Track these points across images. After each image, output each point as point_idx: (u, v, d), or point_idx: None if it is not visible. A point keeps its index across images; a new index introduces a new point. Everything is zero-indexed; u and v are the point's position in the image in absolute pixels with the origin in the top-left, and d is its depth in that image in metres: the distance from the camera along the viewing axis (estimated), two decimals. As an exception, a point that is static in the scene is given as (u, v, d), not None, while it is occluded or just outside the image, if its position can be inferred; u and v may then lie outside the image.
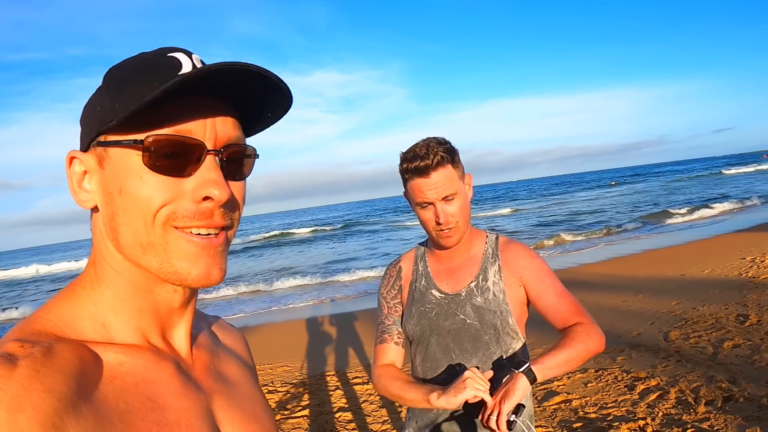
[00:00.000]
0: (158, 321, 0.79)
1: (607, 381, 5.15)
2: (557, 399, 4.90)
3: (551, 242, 17.30)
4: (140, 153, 0.71)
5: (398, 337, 2.05)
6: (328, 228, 43.08)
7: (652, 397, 4.68)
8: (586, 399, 4.82)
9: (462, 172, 1.90)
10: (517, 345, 1.91)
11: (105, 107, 0.72)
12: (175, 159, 0.71)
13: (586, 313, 1.84)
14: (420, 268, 2.08)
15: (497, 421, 1.59)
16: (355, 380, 6.23)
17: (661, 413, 4.37)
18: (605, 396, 4.83)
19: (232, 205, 0.76)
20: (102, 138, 0.73)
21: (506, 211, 37.25)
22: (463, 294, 1.93)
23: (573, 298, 1.87)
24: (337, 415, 5.26)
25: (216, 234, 0.75)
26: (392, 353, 2.03)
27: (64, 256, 55.33)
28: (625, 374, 5.25)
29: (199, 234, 0.73)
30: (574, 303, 1.85)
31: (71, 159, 0.76)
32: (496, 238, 2.03)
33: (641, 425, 4.24)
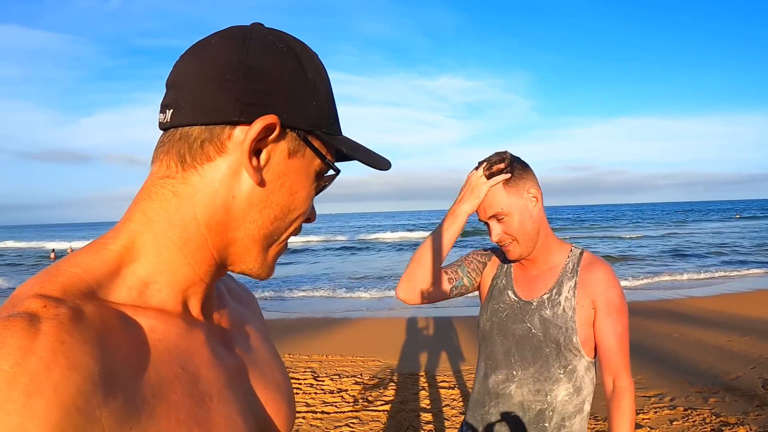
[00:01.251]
0: (202, 289, 0.75)
1: (694, 421, 5.03)
2: (639, 432, 4.84)
3: (669, 276, 16.58)
4: (324, 171, 0.77)
5: (452, 273, 2.10)
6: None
7: (738, 444, 4.53)
8: (669, 436, 4.73)
9: (521, 187, 1.90)
10: (578, 363, 1.89)
11: (323, 110, 0.74)
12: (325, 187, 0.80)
13: (629, 366, 1.86)
14: (505, 267, 2.11)
15: None
16: (442, 384, 6.37)
17: (744, 462, 4.24)
18: (689, 436, 4.72)
19: None
20: (311, 137, 0.74)
21: (634, 235, 35.91)
22: (534, 303, 1.94)
23: (627, 343, 1.88)
24: (417, 414, 5.44)
25: None
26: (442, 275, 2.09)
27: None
28: (714, 417, 5.11)
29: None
30: (624, 353, 1.87)
31: (270, 124, 0.68)
32: (581, 253, 2.01)
33: (721, 471, 4.13)
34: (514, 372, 1.94)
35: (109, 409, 0.54)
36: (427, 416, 5.40)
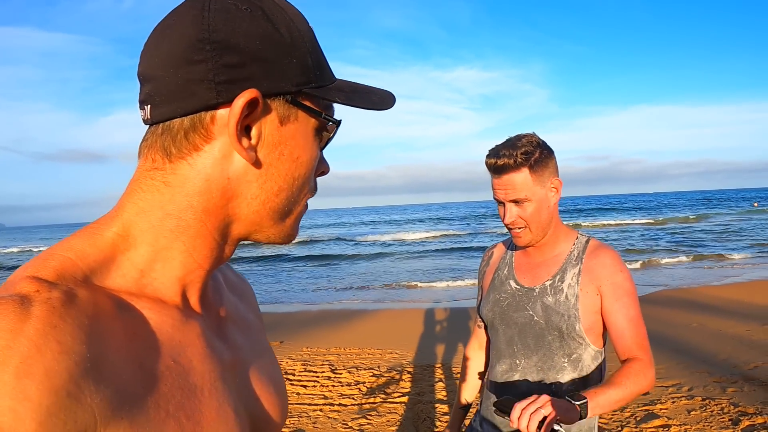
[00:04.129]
0: (201, 276, 0.73)
1: (712, 411, 5.01)
2: (656, 422, 4.84)
3: (686, 265, 16.50)
4: (323, 125, 0.73)
5: (481, 322, 2.24)
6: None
7: (756, 434, 4.51)
8: (686, 427, 4.72)
9: (545, 177, 1.86)
10: (583, 351, 1.86)
11: (306, 65, 0.69)
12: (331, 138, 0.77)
13: (648, 348, 1.79)
14: (507, 257, 2.10)
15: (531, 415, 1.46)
16: (458, 374, 6.33)
17: (762, 452, 4.22)
18: (706, 427, 4.72)
19: None
20: (299, 98, 0.69)
21: (646, 222, 35.87)
22: (536, 290, 1.92)
23: (642, 327, 1.81)
24: (434, 406, 5.47)
25: None
26: (478, 336, 2.29)
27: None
28: (732, 407, 5.08)
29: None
30: (640, 334, 1.79)
31: (252, 99, 0.64)
32: (587, 241, 1.97)
33: (739, 461, 4.11)
34: (517, 361, 1.94)
35: (100, 396, 0.53)
36: (443, 407, 5.42)
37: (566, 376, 1.86)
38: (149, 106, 0.67)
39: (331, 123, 0.73)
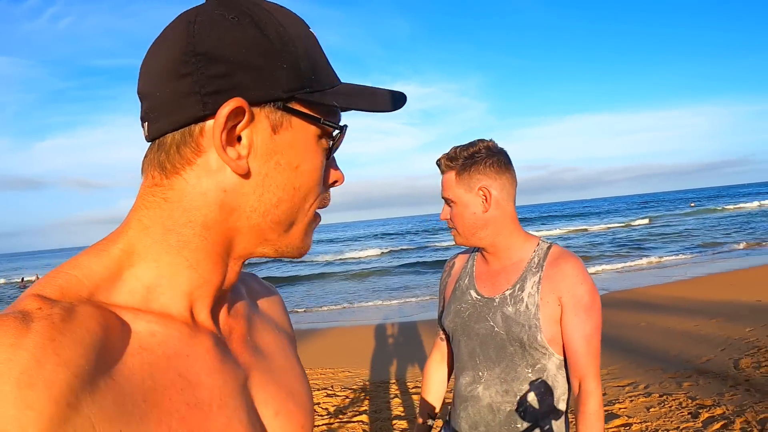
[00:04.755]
0: (210, 291, 0.71)
1: (670, 407, 5.01)
2: (617, 422, 4.81)
3: (629, 267, 16.87)
4: (323, 134, 0.71)
5: (443, 334, 2.19)
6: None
7: (716, 426, 4.52)
8: (647, 424, 4.70)
9: (473, 182, 1.84)
10: (547, 361, 1.80)
11: (298, 70, 0.67)
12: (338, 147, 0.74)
13: (597, 367, 1.77)
14: (468, 266, 2.05)
15: None
16: (414, 389, 6.27)
17: (724, 444, 4.21)
18: (667, 422, 4.70)
19: None
20: (292, 104, 0.67)
21: (580, 228, 36.61)
22: (497, 300, 1.86)
23: (597, 347, 1.77)
24: (392, 423, 5.33)
25: None
26: (440, 348, 2.24)
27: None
28: (690, 401, 5.10)
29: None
30: (594, 354, 1.76)
31: (236, 108, 0.63)
32: (548, 248, 1.90)
33: (702, 455, 4.10)
34: (480, 373, 1.87)
35: (98, 408, 0.53)
36: (402, 423, 5.29)
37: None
38: (147, 123, 0.67)
39: (332, 129, 0.71)
